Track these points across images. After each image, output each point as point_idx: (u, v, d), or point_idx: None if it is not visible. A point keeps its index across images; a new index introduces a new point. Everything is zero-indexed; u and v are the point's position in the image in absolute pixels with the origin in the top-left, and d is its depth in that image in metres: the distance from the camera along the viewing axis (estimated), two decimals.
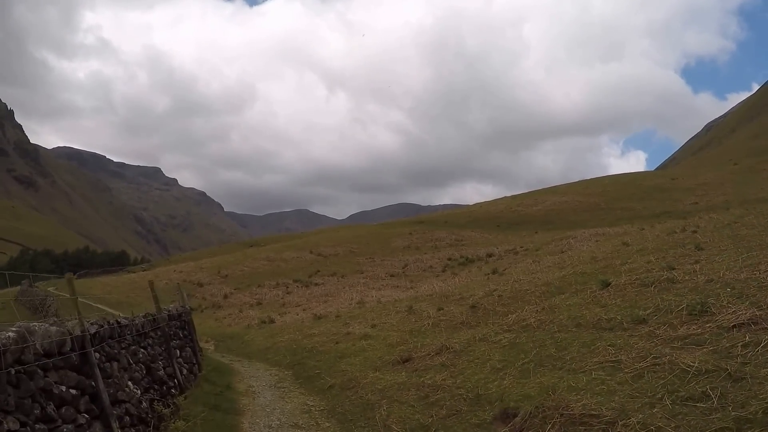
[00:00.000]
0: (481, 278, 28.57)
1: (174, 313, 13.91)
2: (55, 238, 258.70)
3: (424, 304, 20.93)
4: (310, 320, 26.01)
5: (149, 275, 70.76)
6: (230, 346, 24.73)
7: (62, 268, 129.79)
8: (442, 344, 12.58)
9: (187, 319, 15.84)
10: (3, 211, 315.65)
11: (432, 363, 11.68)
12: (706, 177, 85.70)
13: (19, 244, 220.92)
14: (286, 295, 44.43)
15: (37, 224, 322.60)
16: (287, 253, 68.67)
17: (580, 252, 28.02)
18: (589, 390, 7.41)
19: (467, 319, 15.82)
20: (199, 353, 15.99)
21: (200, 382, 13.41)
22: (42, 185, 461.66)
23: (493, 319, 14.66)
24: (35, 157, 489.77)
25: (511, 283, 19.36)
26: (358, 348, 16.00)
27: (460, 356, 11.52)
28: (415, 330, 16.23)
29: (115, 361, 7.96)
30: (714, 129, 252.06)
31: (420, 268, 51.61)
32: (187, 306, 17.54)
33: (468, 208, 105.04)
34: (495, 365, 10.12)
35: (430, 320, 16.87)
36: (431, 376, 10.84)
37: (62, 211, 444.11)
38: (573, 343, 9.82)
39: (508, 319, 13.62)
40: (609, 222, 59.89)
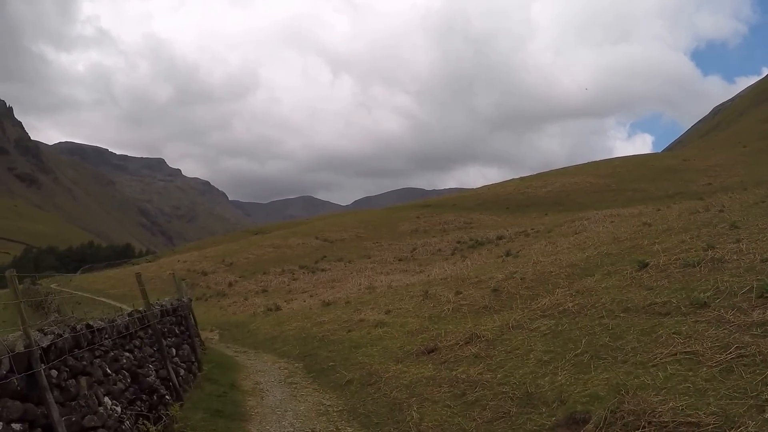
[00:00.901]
0: (494, 261, 27.71)
1: (168, 308, 12.63)
2: (59, 235, 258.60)
3: (439, 288, 19.71)
4: (319, 307, 24.75)
5: (153, 266, 69.94)
6: (235, 335, 23.57)
7: (67, 264, 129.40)
8: (471, 332, 11.32)
9: (185, 313, 14.48)
10: (5, 211, 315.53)
11: (462, 354, 10.44)
12: (717, 158, 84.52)
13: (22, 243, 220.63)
14: (292, 281, 43.32)
15: (41, 222, 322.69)
16: (292, 240, 67.54)
17: (597, 233, 27.40)
18: (672, 389, 6.14)
19: (490, 304, 14.70)
20: (199, 349, 14.67)
21: (201, 382, 12.15)
22: (44, 182, 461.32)
23: (520, 304, 13.60)
24: (36, 154, 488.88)
25: (531, 265, 18.59)
26: (374, 336, 14.77)
27: (495, 346, 10.26)
28: (434, 316, 14.99)
29: (83, 376, 6.58)
30: (722, 112, 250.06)
31: (429, 251, 50.56)
32: (186, 298, 16.14)
33: (476, 191, 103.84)
34: (540, 357, 8.88)
35: (450, 305, 15.62)
36: (464, 369, 9.60)
37: (66, 208, 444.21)
38: (629, 331, 8.57)
39: (539, 304, 12.37)
40: (621, 203, 58.78)
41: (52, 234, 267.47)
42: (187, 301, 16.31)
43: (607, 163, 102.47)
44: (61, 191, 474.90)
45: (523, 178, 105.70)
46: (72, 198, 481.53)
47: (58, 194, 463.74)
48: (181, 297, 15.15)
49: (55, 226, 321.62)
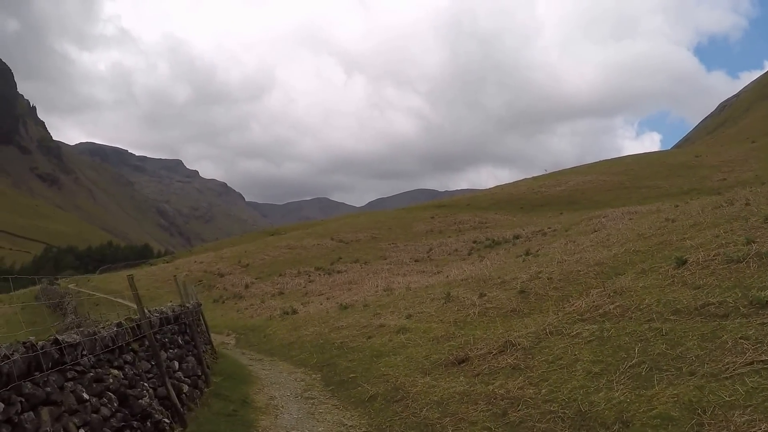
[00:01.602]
0: (514, 260, 27.06)
1: (169, 315, 11.36)
2: (78, 235, 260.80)
3: (461, 289, 18.90)
4: (336, 310, 24.00)
5: (170, 267, 69.83)
6: (251, 339, 22.95)
7: (86, 264, 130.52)
8: (503, 339, 10.45)
9: (190, 320, 13.20)
10: (26, 210, 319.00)
11: (498, 364, 9.53)
12: (729, 154, 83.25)
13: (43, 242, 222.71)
14: (308, 283, 42.72)
15: (61, 221, 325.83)
16: (308, 241, 66.96)
17: (618, 230, 26.69)
18: (759, 406, 5.33)
19: (518, 306, 13.90)
20: (207, 361, 13.62)
21: (208, 398, 11.08)
22: (65, 182, 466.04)
23: (550, 306, 12.78)
24: (58, 154, 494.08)
25: (556, 264, 17.86)
26: (397, 344, 13.88)
27: (533, 355, 9.38)
28: (459, 320, 14.16)
29: (47, 406, 5.38)
30: (728, 108, 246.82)
31: (445, 251, 49.84)
32: (191, 303, 15.00)
33: (490, 191, 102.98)
34: (589, 368, 7.97)
35: (475, 308, 14.79)
36: (502, 382, 8.69)
37: (85, 208, 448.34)
38: (687, 336, 7.68)
39: (573, 306, 11.51)
40: (636, 200, 57.71)
41: (71, 233, 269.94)
42: (193, 306, 15.15)
43: (619, 161, 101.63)
44: (81, 191, 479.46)
45: (536, 177, 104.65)
46: (92, 198, 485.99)
47: (78, 194, 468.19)
48: (185, 302, 13.88)
49: (74, 226, 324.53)
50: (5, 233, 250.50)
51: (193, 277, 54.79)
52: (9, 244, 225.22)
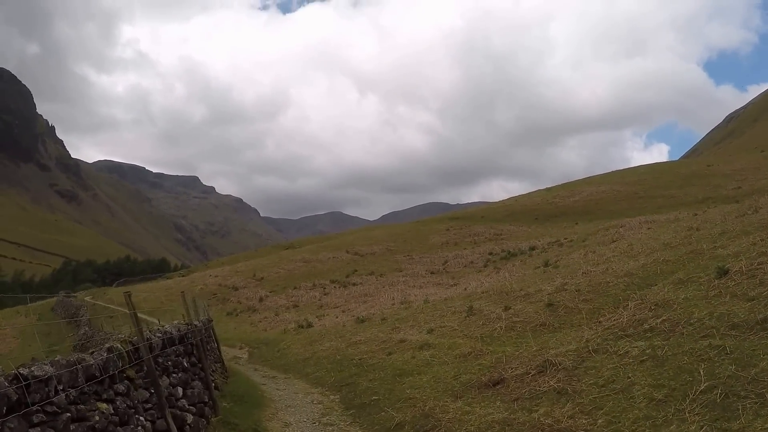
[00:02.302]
0: (533, 272, 26.43)
1: (173, 335, 10.18)
2: (97, 249, 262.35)
3: (483, 302, 18.04)
4: (352, 324, 23.14)
5: (185, 281, 69.54)
6: (265, 354, 22.11)
7: (104, 277, 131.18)
8: (540, 357, 9.47)
9: (197, 340, 11.97)
10: (46, 225, 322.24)
11: (539, 387, 8.49)
12: (740, 163, 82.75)
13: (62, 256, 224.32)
14: (323, 296, 42.05)
15: (80, 236, 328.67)
16: (323, 254, 66.40)
17: (638, 239, 26.03)
18: None
19: (548, 320, 13.06)
20: (215, 383, 12.57)
21: (216, 428, 9.94)
22: (84, 198, 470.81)
23: (582, 320, 11.97)
24: (77, 172, 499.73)
25: (581, 276, 17.16)
26: (420, 361, 12.91)
27: (578, 377, 8.35)
28: (486, 336, 13.27)
29: None
30: (735, 120, 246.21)
31: (461, 263, 49.17)
32: (200, 321, 13.84)
33: (504, 203, 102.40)
34: (650, 394, 6.90)
35: (501, 322, 13.91)
36: (547, 410, 7.62)
37: (104, 223, 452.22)
38: (757, 355, 6.71)
39: (611, 320, 10.59)
40: (651, 210, 56.79)
41: (90, 248, 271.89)
42: (202, 324, 14.02)
43: (632, 171, 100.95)
44: (99, 207, 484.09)
45: (549, 188, 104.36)
46: (110, 214, 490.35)
47: (96, 210, 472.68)
48: (192, 320, 12.68)
49: (93, 241, 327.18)
50: (25, 247, 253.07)
51: (208, 291, 54.39)
52: (29, 257, 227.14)
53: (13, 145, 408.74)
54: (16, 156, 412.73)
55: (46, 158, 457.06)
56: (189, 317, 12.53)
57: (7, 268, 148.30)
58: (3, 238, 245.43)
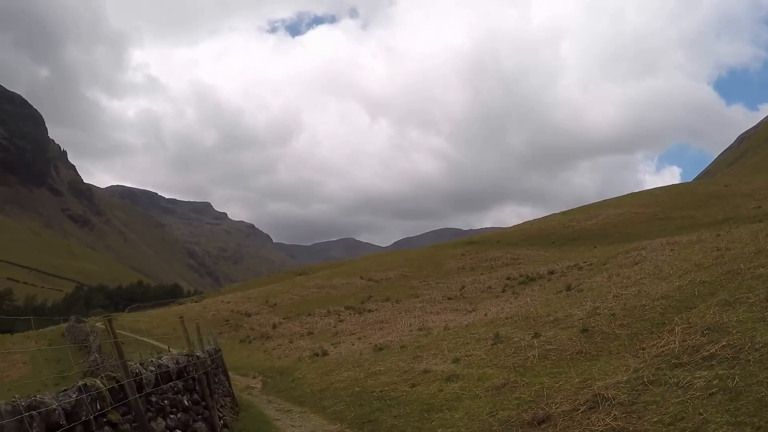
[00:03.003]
0: (556, 296, 25.56)
1: (171, 369, 8.77)
2: (109, 274, 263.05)
3: (509, 328, 17.16)
4: (370, 352, 22.26)
5: (197, 307, 69.07)
6: (279, 384, 21.25)
7: (116, 303, 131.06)
8: (589, 390, 8.49)
9: (200, 374, 10.59)
10: (59, 250, 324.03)
11: (593, 427, 7.48)
12: (758, 182, 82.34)
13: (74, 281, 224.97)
14: (338, 323, 41.28)
15: (92, 261, 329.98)
16: (337, 280, 65.80)
17: (663, 261, 25.15)
18: None
19: (584, 348, 12.20)
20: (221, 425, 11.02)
21: None
22: (96, 223, 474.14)
23: (622, 347, 11.19)
24: (89, 197, 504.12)
25: (611, 299, 16.28)
26: (449, 395, 11.87)
27: (639, 414, 7.37)
28: (518, 365, 12.34)
29: None
30: (747, 140, 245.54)
31: (478, 289, 48.49)
32: (205, 351, 12.64)
33: (520, 227, 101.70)
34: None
35: (533, 351, 13.01)
36: None
37: (116, 248, 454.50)
38: None
39: (659, 347, 9.74)
40: (670, 231, 55.84)
41: (103, 273, 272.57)
42: (208, 354, 12.81)
43: (648, 194, 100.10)
44: (112, 232, 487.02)
45: (565, 212, 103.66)
46: (123, 239, 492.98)
47: (109, 235, 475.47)
48: (195, 351, 11.37)
49: (105, 266, 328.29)
50: (38, 272, 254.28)
51: (221, 317, 53.77)
52: (41, 282, 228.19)
53: (26, 169, 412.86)
54: (28, 180, 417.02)
55: (58, 183, 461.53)
56: (190, 347, 11.26)
57: (19, 292, 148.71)
58: (15, 263, 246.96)
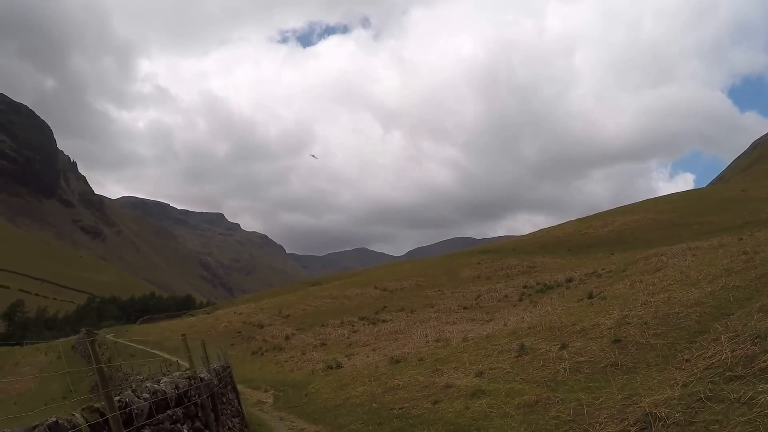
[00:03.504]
0: (578, 304, 24.73)
1: (169, 395, 7.68)
2: (121, 286, 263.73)
3: (533, 339, 16.32)
4: (386, 365, 21.39)
5: (209, 318, 68.69)
6: (292, 398, 20.39)
7: (129, 314, 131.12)
8: (637, 409, 7.65)
9: (204, 398, 9.31)
10: (71, 261, 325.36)
11: None
12: None
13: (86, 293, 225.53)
14: (352, 334, 40.55)
15: (104, 272, 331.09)
16: (351, 290, 65.27)
17: (689, 267, 24.12)
18: None
19: (618, 359, 11.45)
20: None
21: None
22: (108, 235, 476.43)
23: (658, 357, 10.60)
24: (100, 208, 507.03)
25: (640, 307, 15.60)
26: (477, 413, 10.91)
27: None
28: (549, 379, 11.47)
29: None
30: (761, 146, 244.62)
31: (494, 298, 47.75)
32: (210, 372, 11.33)
33: (534, 234, 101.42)
34: None
35: (563, 363, 12.17)
36: None
37: (129, 259, 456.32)
38: None
39: (705, 358, 8.96)
40: (688, 237, 54.76)
41: (115, 284, 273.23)
42: (215, 374, 11.66)
43: (664, 200, 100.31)
44: (124, 243, 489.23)
45: (580, 219, 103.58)
46: (135, 250, 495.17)
47: (121, 246, 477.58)
48: (198, 372, 10.10)
49: (118, 277, 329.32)
50: (50, 283, 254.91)
51: (233, 329, 53.18)
52: (53, 293, 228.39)
53: (35, 180, 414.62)
54: (38, 192, 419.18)
55: (68, 194, 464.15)
56: (193, 368, 10.07)
57: (31, 304, 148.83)
58: (27, 274, 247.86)
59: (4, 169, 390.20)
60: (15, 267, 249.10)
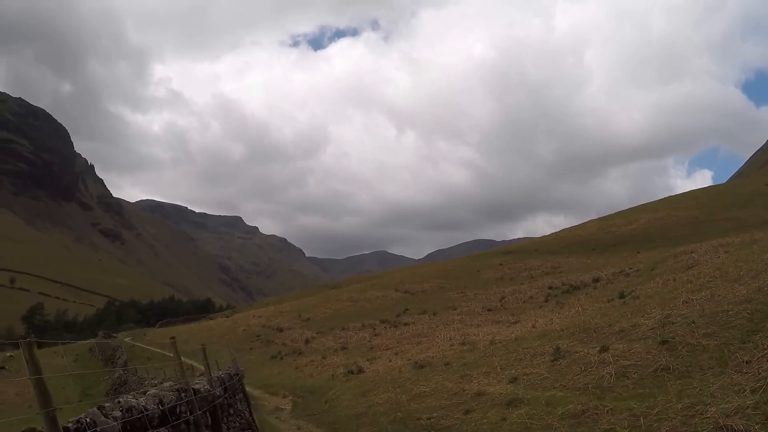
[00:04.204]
0: (609, 305, 23.63)
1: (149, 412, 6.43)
2: (141, 289, 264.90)
3: (567, 341, 15.33)
4: (410, 370, 20.44)
5: (228, 322, 68.39)
6: (311, 405, 19.54)
7: (148, 318, 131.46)
8: (706, 420, 6.70)
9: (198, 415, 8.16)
10: (90, 264, 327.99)
11: None
12: None
13: (105, 296, 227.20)
14: (373, 337, 39.78)
15: (123, 276, 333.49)
16: (371, 293, 64.68)
17: (733, 262, 23.29)
18: None
19: (669, 362, 10.51)
20: None
21: None
22: (127, 238, 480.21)
23: (713, 359, 9.77)
24: (119, 211, 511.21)
25: (681, 305, 14.64)
26: (515, 425, 9.92)
27: None
28: (593, 386, 10.46)
29: None
30: None
31: (519, 299, 46.83)
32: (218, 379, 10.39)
33: (557, 234, 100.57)
34: None
35: (607, 367, 11.16)
36: None
37: (148, 263, 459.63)
38: None
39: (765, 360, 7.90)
40: (715, 234, 53.63)
41: (134, 287, 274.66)
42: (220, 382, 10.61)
43: (687, 196, 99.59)
44: (143, 247, 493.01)
45: (603, 217, 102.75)
46: (154, 254, 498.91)
47: (140, 250, 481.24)
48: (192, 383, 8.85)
49: (137, 280, 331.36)
50: (69, 286, 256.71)
51: (251, 332, 52.74)
52: (73, 296, 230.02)
53: (54, 183, 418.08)
54: (57, 195, 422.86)
55: (87, 197, 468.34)
56: (184, 377, 8.68)
57: (51, 307, 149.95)
58: (46, 277, 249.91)
59: (23, 172, 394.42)
60: (35, 270, 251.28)
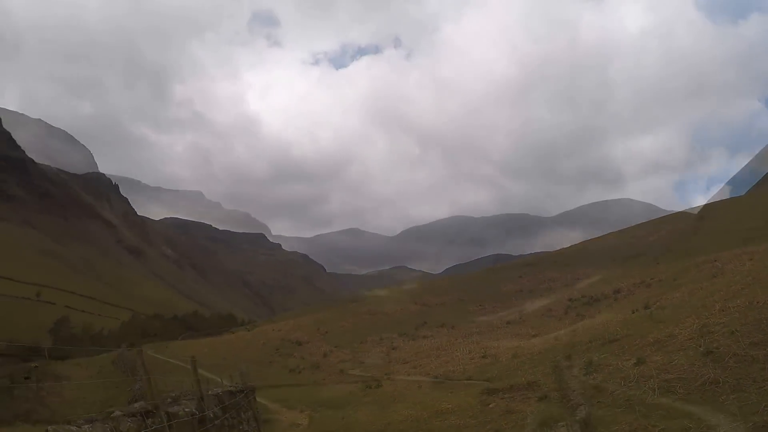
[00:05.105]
0: (634, 315, 22.60)
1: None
2: (165, 303, 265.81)
3: (597, 354, 14.38)
4: (430, 384, 19.58)
5: (248, 335, 67.90)
6: (327, 421, 18.68)
7: (172, 331, 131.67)
8: None
9: None
10: (115, 280, 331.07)
11: None
12: None
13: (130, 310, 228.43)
14: (391, 350, 39.01)
15: (148, 290, 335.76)
16: (389, 306, 63.85)
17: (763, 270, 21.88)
18: None
19: (716, 375, 9.65)
20: None
21: None
22: (151, 254, 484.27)
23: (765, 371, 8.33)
24: (143, 228, 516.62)
25: (717, 313, 13.77)
26: None
27: None
28: (635, 402, 9.60)
29: None
30: None
31: (539, 312, 46.41)
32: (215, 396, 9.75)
33: (575, 246, 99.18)
34: None
35: (649, 381, 10.21)
36: None
37: (172, 278, 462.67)
38: None
39: None
40: (738, 243, 52.28)
41: (158, 302, 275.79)
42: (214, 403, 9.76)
43: (706, 208, 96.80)
44: (167, 263, 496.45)
45: (621, 230, 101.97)
46: (179, 269, 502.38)
47: (164, 265, 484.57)
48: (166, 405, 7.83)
49: (161, 295, 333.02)
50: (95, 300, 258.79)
51: (271, 346, 52.15)
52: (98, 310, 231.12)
53: (78, 203, 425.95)
54: (81, 214, 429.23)
55: (111, 216, 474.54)
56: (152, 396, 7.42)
57: (76, 320, 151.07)
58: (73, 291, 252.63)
59: (48, 192, 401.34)
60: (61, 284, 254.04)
